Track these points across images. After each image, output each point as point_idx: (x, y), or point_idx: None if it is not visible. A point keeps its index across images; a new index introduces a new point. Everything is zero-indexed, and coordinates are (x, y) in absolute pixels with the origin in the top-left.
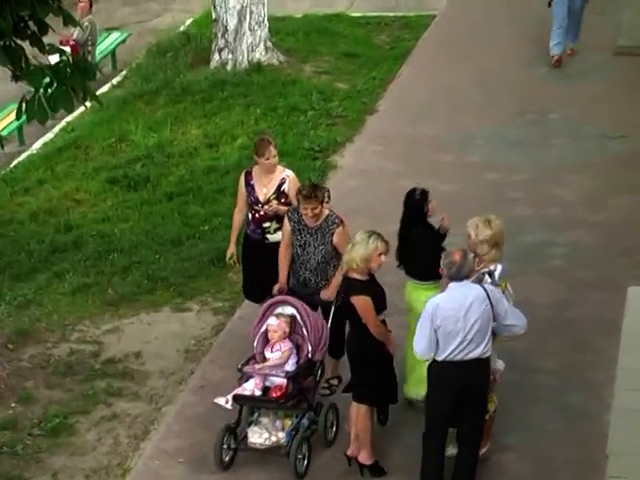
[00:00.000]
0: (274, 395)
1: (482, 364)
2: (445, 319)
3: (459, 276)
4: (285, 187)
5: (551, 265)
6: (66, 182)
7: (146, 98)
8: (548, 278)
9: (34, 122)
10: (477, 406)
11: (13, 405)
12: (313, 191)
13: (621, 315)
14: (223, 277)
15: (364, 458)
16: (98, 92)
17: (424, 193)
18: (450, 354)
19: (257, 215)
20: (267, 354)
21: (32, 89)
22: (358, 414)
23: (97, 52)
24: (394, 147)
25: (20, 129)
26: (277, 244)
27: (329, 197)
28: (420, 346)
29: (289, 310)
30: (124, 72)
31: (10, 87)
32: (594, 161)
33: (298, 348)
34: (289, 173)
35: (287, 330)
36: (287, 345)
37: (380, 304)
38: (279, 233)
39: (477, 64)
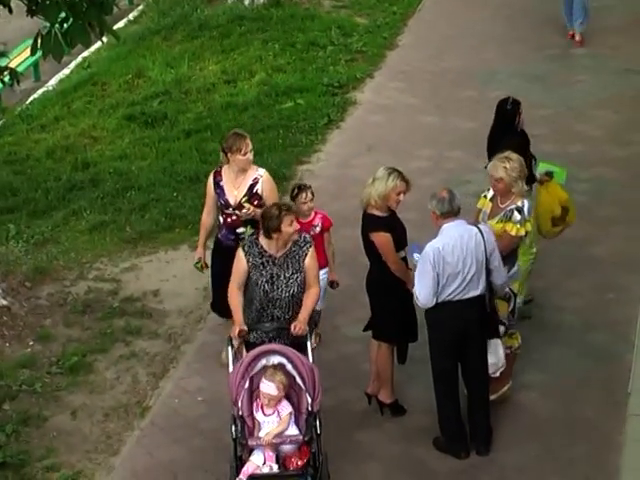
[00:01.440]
0: (295, 466)
1: (480, 301)
2: (447, 262)
3: (452, 210)
4: (258, 188)
5: (575, 201)
6: (82, 119)
7: (163, 33)
8: None
9: (50, 58)
10: (480, 344)
11: (31, 343)
12: (286, 204)
13: None
14: None
15: (384, 397)
16: (114, 27)
17: (516, 103)
18: (449, 295)
19: (229, 220)
20: (259, 417)
21: (47, 24)
22: (378, 352)
23: None
24: (415, 83)
25: (36, 65)
26: None
27: (301, 194)
28: (424, 294)
29: (277, 359)
30: (141, 7)
31: (25, 22)
32: (619, 96)
33: (293, 403)
34: (262, 172)
35: (283, 394)
36: (286, 409)
37: (400, 241)
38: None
39: None
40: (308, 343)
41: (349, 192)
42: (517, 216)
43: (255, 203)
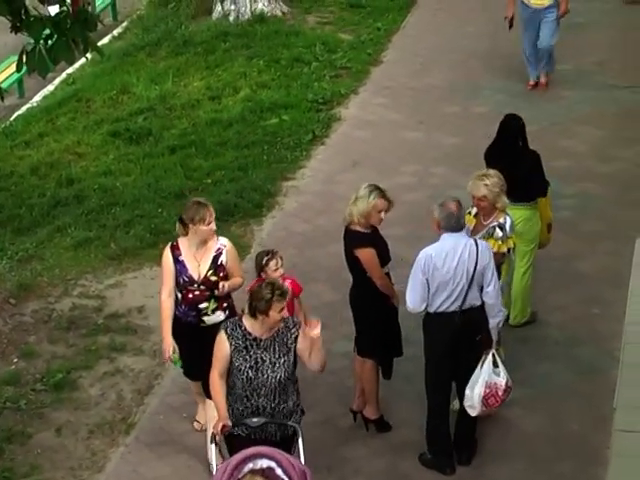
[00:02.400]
0: None
1: (474, 313)
2: (437, 269)
3: (458, 226)
4: (222, 259)
5: (560, 217)
6: (67, 135)
7: (147, 50)
8: (557, 230)
9: (34, 74)
10: (473, 359)
11: (15, 360)
12: (281, 286)
13: (630, 267)
14: (226, 230)
15: (370, 413)
16: (99, 44)
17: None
18: (441, 305)
19: (190, 295)
20: None
21: (32, 40)
22: (363, 369)
23: (97, 3)
24: (399, 98)
25: (20, 81)
26: (216, 326)
27: (270, 261)
28: (412, 298)
29: (265, 463)
30: (125, 23)
31: (9, 39)
32: (603, 112)
33: None
34: (225, 242)
35: None
36: None
37: (383, 257)
38: (218, 312)
39: (485, 14)
40: (300, 440)
41: (334, 208)
42: (499, 233)
43: (220, 275)
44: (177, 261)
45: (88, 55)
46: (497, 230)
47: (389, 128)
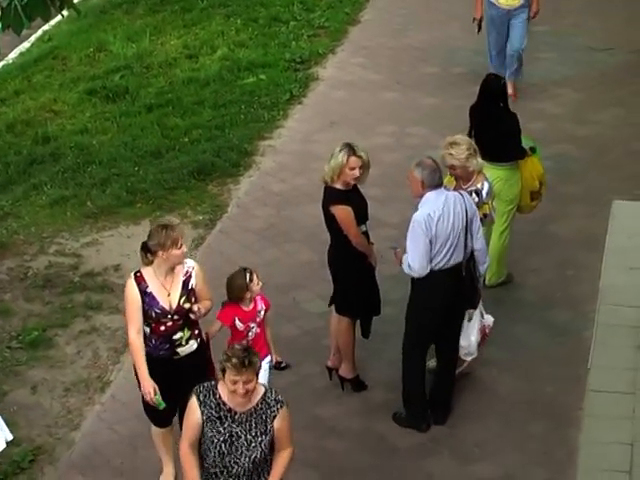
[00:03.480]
0: None
1: (473, 262)
2: (439, 226)
3: (441, 181)
4: (192, 282)
5: None
6: (43, 93)
7: (124, 7)
8: None
9: (9, 31)
10: (458, 322)
11: None
12: (246, 355)
13: (605, 230)
14: (203, 190)
15: (345, 372)
16: (75, 1)
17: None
18: (445, 260)
19: (162, 328)
20: None
21: None
22: (340, 327)
23: None
24: (377, 59)
25: None
26: (190, 356)
27: (253, 277)
28: (419, 262)
29: None
30: None
31: None
32: (580, 74)
33: None
34: (192, 263)
35: None
36: None
37: (361, 215)
38: (191, 342)
39: None
40: None
41: (311, 167)
42: (475, 198)
43: (193, 300)
44: (145, 293)
45: (64, 12)
46: (473, 195)
47: (367, 88)
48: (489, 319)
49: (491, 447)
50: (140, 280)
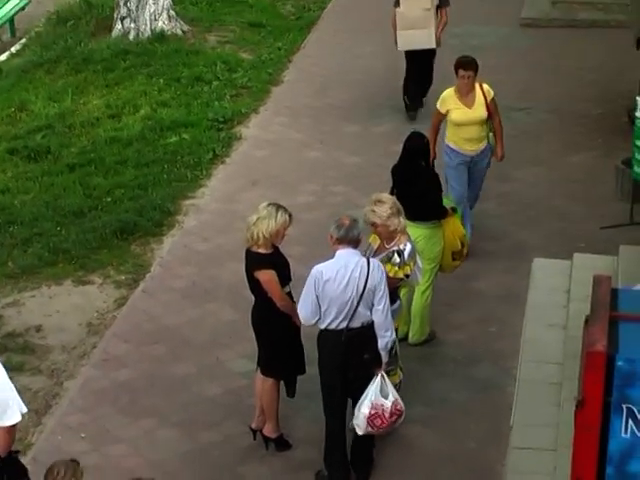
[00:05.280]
0: None
1: (362, 332)
2: (327, 286)
3: (347, 238)
4: None
5: None
6: None
7: (46, 67)
8: None
9: None
10: (364, 377)
11: None
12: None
13: (527, 286)
14: (125, 250)
15: (269, 431)
16: None
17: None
18: (331, 322)
19: None
20: None
21: None
22: (264, 387)
23: None
24: (300, 118)
25: None
26: None
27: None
28: (303, 312)
29: None
30: (23, 40)
31: None
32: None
33: None
34: None
35: None
36: None
37: (285, 276)
38: None
39: (383, 34)
40: None
41: (234, 226)
42: (397, 259)
43: None
44: None
45: None
46: (395, 256)
47: (289, 147)
48: (389, 401)
49: None
50: None
